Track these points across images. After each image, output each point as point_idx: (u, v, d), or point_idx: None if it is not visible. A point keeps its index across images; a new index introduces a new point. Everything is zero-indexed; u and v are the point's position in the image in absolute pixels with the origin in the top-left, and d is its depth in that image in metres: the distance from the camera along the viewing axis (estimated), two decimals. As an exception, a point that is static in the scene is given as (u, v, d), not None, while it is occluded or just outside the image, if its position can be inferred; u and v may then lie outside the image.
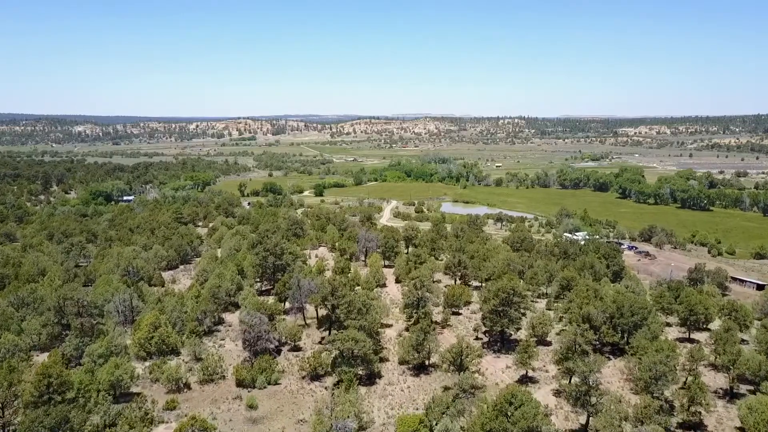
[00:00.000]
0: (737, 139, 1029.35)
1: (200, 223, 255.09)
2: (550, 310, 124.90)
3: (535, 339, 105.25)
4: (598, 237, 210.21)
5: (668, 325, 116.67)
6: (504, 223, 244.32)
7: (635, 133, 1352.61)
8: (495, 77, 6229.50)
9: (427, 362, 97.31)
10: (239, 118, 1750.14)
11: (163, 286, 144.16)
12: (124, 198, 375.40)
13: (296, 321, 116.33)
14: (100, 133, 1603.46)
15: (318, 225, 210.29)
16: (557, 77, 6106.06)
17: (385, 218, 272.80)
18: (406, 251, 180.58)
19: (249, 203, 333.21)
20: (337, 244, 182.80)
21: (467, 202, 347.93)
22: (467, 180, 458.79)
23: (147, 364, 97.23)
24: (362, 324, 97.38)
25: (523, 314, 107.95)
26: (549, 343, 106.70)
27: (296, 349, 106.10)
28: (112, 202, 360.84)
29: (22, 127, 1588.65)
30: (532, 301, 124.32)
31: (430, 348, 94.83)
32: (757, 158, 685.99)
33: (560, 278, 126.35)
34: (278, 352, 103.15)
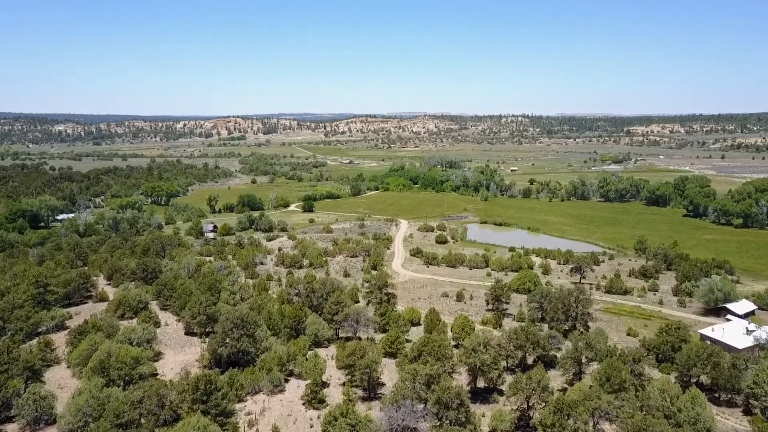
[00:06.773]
0: (763, 138, 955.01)
1: (94, 291, 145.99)
2: None
3: None
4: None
5: None
6: (582, 271, 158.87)
7: (648, 132, 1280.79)
8: (492, 74, 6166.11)
9: None
10: (229, 116, 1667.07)
11: None
12: (59, 218, 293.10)
13: None
14: (82, 133, 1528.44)
15: (291, 315, 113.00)
16: (556, 74, 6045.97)
17: (398, 260, 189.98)
18: (468, 385, 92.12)
19: (213, 227, 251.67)
20: (327, 404, 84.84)
21: (499, 224, 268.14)
22: (488, 190, 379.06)
23: None
24: None
25: None
26: None
27: None
28: (41, 225, 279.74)
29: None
30: None
31: None
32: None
33: None
34: None
